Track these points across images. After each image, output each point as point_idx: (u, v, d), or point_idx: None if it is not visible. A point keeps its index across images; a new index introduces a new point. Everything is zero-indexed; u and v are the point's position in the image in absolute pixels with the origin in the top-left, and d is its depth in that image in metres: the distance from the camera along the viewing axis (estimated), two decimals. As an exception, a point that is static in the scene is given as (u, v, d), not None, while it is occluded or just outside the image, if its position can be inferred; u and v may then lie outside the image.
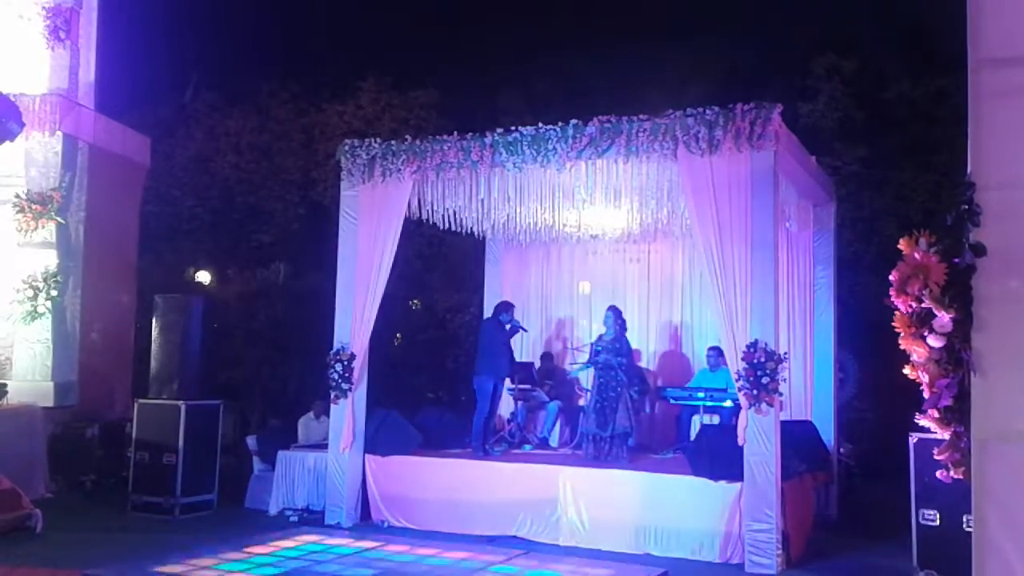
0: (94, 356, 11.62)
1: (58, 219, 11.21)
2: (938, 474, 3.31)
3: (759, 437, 7.32)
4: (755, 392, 7.33)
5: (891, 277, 3.16)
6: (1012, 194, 2.97)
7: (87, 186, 11.63)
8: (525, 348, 11.59)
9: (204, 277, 17.00)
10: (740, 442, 7.41)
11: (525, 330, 10.27)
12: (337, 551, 7.44)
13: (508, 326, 9.77)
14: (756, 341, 7.38)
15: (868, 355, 11.54)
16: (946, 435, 3.17)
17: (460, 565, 6.99)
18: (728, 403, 9.03)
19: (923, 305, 3.06)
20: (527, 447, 10.06)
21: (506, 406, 10.72)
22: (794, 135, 8.41)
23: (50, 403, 10.75)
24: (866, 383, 12.06)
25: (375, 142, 9.17)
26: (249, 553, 7.22)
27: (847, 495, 10.02)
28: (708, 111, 7.66)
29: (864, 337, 11.23)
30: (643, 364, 11.10)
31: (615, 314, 9.49)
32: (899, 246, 3.14)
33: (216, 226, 16.92)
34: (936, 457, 3.25)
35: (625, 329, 9.53)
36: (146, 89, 16.56)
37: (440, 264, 16.04)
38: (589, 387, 9.34)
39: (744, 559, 7.29)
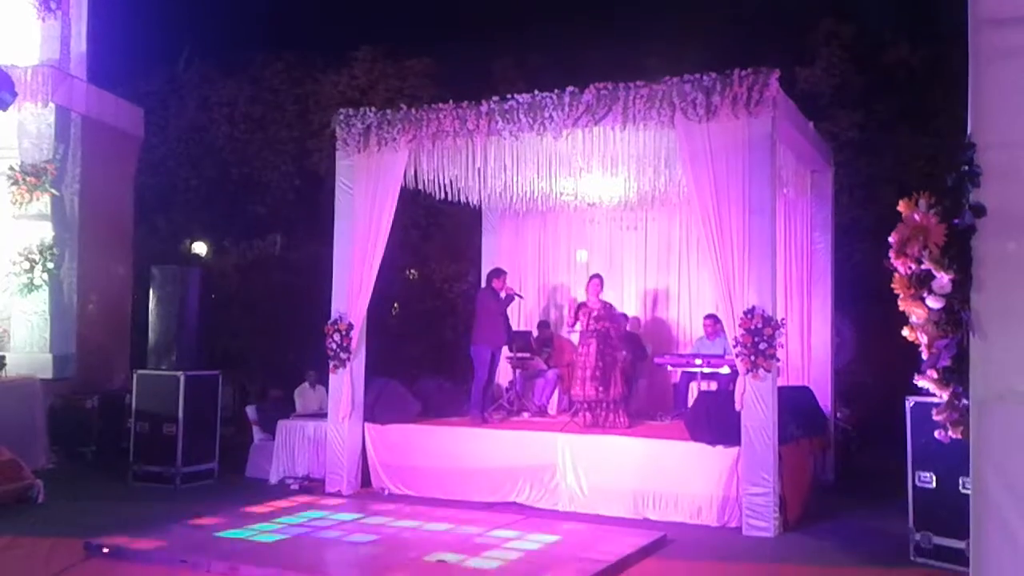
0: (92, 328, 11.63)
1: (53, 191, 11.17)
2: (936, 434, 3.32)
3: (756, 402, 7.36)
4: (752, 358, 7.36)
5: (890, 239, 3.16)
6: (1012, 154, 2.96)
7: (81, 158, 11.58)
8: (522, 317, 11.62)
9: (200, 248, 16.97)
10: (738, 408, 7.46)
11: (521, 296, 10.27)
12: (338, 517, 7.50)
13: (503, 294, 9.78)
14: (754, 307, 7.39)
15: (865, 321, 11.58)
16: (944, 396, 3.19)
17: (460, 530, 7.05)
18: (725, 369, 9.06)
19: (922, 266, 3.06)
20: (525, 415, 10.11)
21: (504, 374, 10.77)
22: (792, 101, 8.37)
23: (49, 375, 10.78)
24: (863, 349, 12.10)
25: (370, 111, 9.11)
26: (250, 521, 7.27)
27: (844, 459, 10.10)
28: (705, 77, 7.62)
29: (861, 303, 11.26)
30: (640, 332, 11.13)
31: (600, 282, 9.50)
32: (899, 208, 3.14)
33: (211, 197, 16.86)
34: (934, 418, 3.27)
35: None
36: (138, 60, 16.39)
37: (437, 234, 16.01)
38: (584, 354, 9.35)
39: (742, 523, 7.36)
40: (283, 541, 6.64)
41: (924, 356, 3.18)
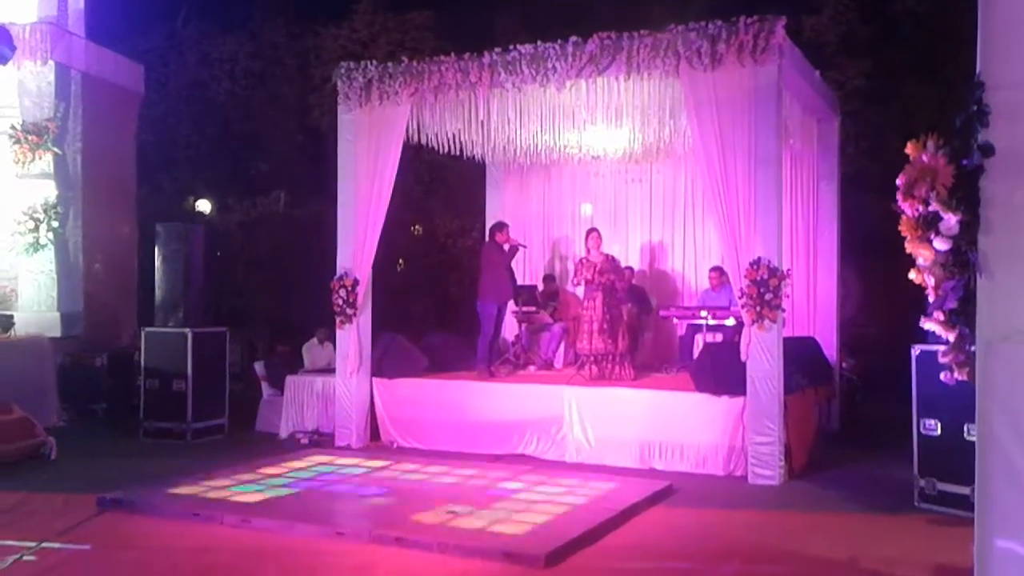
0: (98, 286, 11.66)
1: (55, 149, 11.13)
2: (942, 376, 3.33)
3: (762, 353, 7.39)
4: (758, 309, 7.36)
5: (898, 181, 3.14)
6: (1022, 94, 2.93)
7: (82, 115, 11.52)
8: (528, 271, 11.62)
9: (204, 206, 16.94)
10: (743, 358, 7.48)
11: (524, 246, 10.24)
12: (348, 471, 7.59)
13: (506, 247, 9.76)
14: (759, 258, 7.38)
15: (871, 271, 11.56)
16: (951, 337, 3.19)
17: (469, 482, 7.13)
18: (731, 321, 9.07)
19: (930, 208, 3.04)
20: (531, 368, 10.16)
21: (510, 329, 10.80)
22: (798, 49, 8.27)
23: (57, 333, 10.84)
24: (869, 299, 12.11)
25: (371, 64, 9.03)
26: (262, 474, 7.37)
27: (849, 409, 10.16)
28: (711, 25, 7.52)
29: (867, 254, 11.24)
30: (645, 284, 11.13)
31: (599, 236, 9.49)
32: (906, 150, 3.11)
33: (214, 155, 16.79)
34: (940, 360, 3.28)
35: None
36: (136, 16, 16.19)
37: (441, 189, 15.96)
38: (586, 308, 9.37)
39: (747, 471, 7.43)
40: (294, 494, 6.72)
41: (931, 298, 3.18)
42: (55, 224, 11.03)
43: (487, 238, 10.25)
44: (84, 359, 11.00)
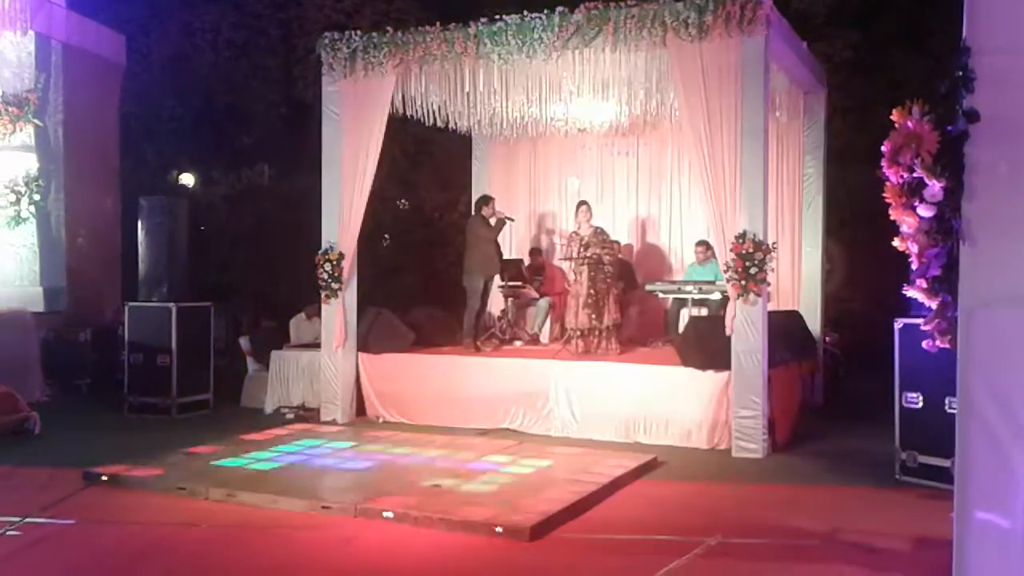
0: (81, 260, 11.57)
1: (36, 121, 10.99)
2: (924, 344, 3.34)
3: (747, 327, 7.41)
4: (743, 282, 7.37)
5: (883, 147, 3.13)
6: (1006, 60, 2.92)
7: (63, 86, 11.37)
8: (514, 245, 11.59)
9: (188, 180, 16.79)
10: (728, 332, 7.50)
11: (511, 219, 10.22)
12: (334, 445, 7.58)
13: (493, 220, 9.72)
14: (745, 232, 7.38)
15: (856, 246, 11.59)
16: (933, 304, 3.20)
17: (455, 456, 7.14)
18: (716, 295, 9.09)
19: (914, 175, 3.04)
20: (518, 343, 10.16)
21: (496, 303, 10.79)
22: (785, 20, 8.22)
23: (40, 308, 10.76)
24: (853, 274, 12.15)
25: (356, 34, 8.93)
26: (247, 448, 7.35)
27: (832, 383, 10.23)
28: (698, -5, 7.46)
29: (853, 228, 11.26)
30: (632, 258, 11.13)
31: (589, 209, 9.46)
32: (892, 116, 3.10)
33: (198, 127, 16.60)
34: (923, 327, 3.28)
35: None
36: (116, -16, 15.95)
37: (427, 162, 15.85)
38: (576, 282, 9.37)
39: (731, 445, 7.47)
40: (280, 468, 6.72)
41: (914, 266, 3.18)
42: (36, 197, 10.91)
43: (473, 212, 10.21)
44: (68, 334, 10.93)
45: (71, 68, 11.48)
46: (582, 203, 9.60)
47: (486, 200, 9.94)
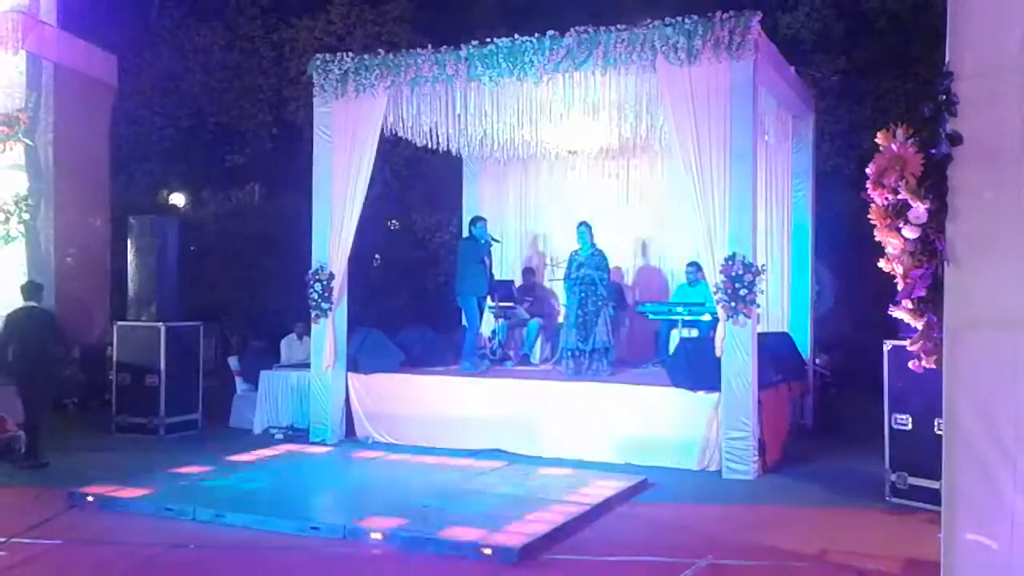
0: (70, 280, 11.48)
1: (26, 141, 10.95)
2: (910, 364, 3.37)
3: (737, 348, 7.43)
4: (733, 304, 7.40)
5: (868, 169, 3.17)
6: (988, 83, 2.97)
7: (54, 106, 11.32)
8: (505, 266, 11.60)
9: (178, 199, 16.78)
10: (718, 354, 7.52)
11: (497, 240, 10.23)
12: (322, 466, 7.54)
13: (483, 241, 9.73)
14: (734, 254, 7.42)
15: (845, 268, 11.64)
16: (919, 325, 3.23)
17: (444, 475, 7.11)
18: (706, 317, 9.11)
19: (899, 196, 3.08)
20: (508, 364, 10.15)
21: (487, 324, 10.79)
22: (773, 45, 8.31)
23: (28, 328, 10.67)
24: (842, 296, 12.19)
25: (347, 56, 8.98)
26: (235, 469, 7.31)
27: (822, 404, 10.23)
28: (687, 20, 7.55)
29: (841, 250, 11.31)
30: (623, 280, 11.15)
31: (588, 230, 9.49)
32: (877, 139, 3.14)
33: (188, 147, 16.61)
34: (908, 348, 3.31)
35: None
36: (109, 6, 15.98)
37: (418, 184, 15.89)
38: (568, 303, 9.39)
39: (721, 466, 7.47)
40: (268, 489, 6.68)
41: (900, 287, 3.21)
42: (26, 216, 10.85)
43: (467, 232, 10.22)
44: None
45: (62, 88, 11.46)
46: (582, 223, 9.63)
47: (475, 220, 9.96)
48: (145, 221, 9.94)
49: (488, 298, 10.16)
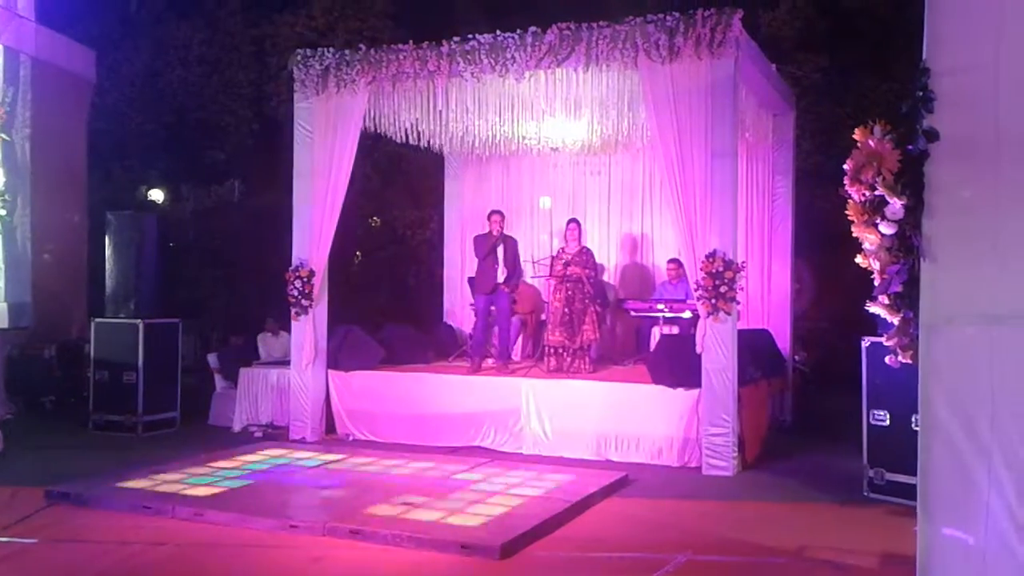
0: (47, 276, 11.39)
1: (3, 136, 10.82)
2: (887, 359, 3.39)
3: (717, 345, 7.45)
4: (713, 301, 7.43)
5: (846, 166, 3.19)
6: (965, 79, 2.99)
7: (31, 101, 11.22)
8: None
9: (157, 196, 16.64)
10: (698, 350, 7.55)
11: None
12: (303, 463, 7.51)
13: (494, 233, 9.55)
14: (715, 251, 7.44)
15: (824, 266, 11.72)
16: (896, 321, 3.25)
17: (425, 474, 7.10)
18: (687, 314, 9.14)
19: (876, 193, 3.10)
20: (489, 361, 10.12)
21: (468, 321, 10.77)
22: (755, 43, 8.34)
23: (4, 324, 10.56)
24: (822, 293, 12.28)
25: (328, 51, 8.94)
26: (215, 466, 7.27)
27: (801, 401, 10.30)
28: (668, 17, 7.56)
29: (821, 248, 11.38)
30: (604, 277, 11.16)
31: (578, 227, 9.49)
32: (854, 135, 3.16)
33: (168, 143, 16.46)
34: (885, 343, 3.33)
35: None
36: (88, 0, 15.83)
37: (399, 180, 15.83)
38: (550, 300, 9.38)
39: (702, 462, 7.50)
40: (248, 487, 6.64)
41: (876, 283, 3.24)
42: (2, 212, 10.72)
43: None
44: (33, 350, 10.77)
45: (39, 83, 11.36)
46: (571, 221, 9.61)
47: (489, 215, 9.75)
48: (123, 217, 9.85)
49: (469, 295, 10.10)
